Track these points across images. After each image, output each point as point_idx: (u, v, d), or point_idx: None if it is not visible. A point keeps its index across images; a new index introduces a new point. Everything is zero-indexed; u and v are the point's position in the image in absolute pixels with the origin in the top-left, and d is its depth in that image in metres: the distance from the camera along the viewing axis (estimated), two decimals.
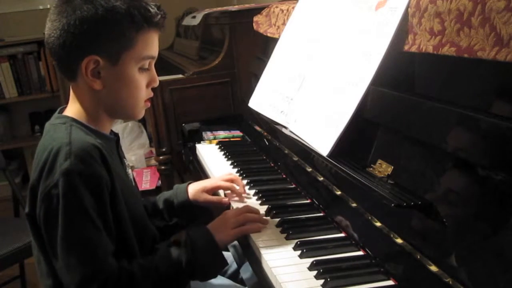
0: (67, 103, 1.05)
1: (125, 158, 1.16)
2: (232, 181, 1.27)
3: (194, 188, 1.26)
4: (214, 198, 1.25)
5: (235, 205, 1.20)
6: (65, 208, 0.88)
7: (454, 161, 0.81)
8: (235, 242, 1.17)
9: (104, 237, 0.91)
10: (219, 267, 1.03)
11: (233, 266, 1.28)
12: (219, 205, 1.25)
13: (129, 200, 1.02)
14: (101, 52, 0.96)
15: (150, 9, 0.98)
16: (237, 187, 1.26)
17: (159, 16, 1.00)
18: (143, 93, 1.03)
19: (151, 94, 1.07)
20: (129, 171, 1.14)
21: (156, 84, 1.06)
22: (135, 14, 0.96)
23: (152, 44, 1.01)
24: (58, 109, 1.06)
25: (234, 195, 1.25)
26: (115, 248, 0.94)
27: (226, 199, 1.23)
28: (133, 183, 1.15)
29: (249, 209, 1.10)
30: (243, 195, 1.25)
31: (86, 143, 0.92)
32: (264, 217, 1.10)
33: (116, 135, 1.11)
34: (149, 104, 1.07)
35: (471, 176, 0.78)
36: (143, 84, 1.02)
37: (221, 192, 1.29)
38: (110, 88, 0.99)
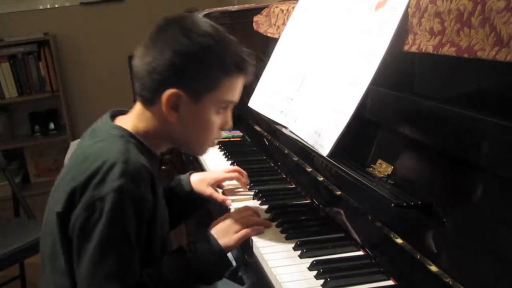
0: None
1: None
2: (235, 171, 1.29)
3: (198, 180, 1.25)
4: (219, 196, 1.24)
5: (236, 206, 1.21)
6: (107, 223, 0.87)
7: (454, 161, 0.81)
8: None
9: (136, 257, 0.91)
10: (225, 269, 1.03)
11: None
12: (220, 203, 1.25)
13: (162, 219, 1.02)
14: (185, 87, 0.95)
15: (243, 55, 0.99)
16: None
17: (248, 63, 1.00)
18: (214, 134, 1.03)
19: (221, 135, 1.06)
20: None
21: (229, 126, 1.05)
22: (227, 60, 0.96)
23: (235, 89, 1.01)
24: (110, 113, 1.04)
25: (234, 197, 1.25)
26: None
27: (229, 201, 1.22)
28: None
29: (251, 213, 1.10)
30: (245, 195, 1.25)
31: (142, 166, 0.92)
32: (267, 219, 1.10)
33: (161, 154, 1.10)
34: (215, 144, 1.07)
35: (471, 176, 0.78)
36: (216, 126, 1.02)
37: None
38: (184, 123, 0.99)
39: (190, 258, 0.99)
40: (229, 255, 1.02)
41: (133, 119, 1.02)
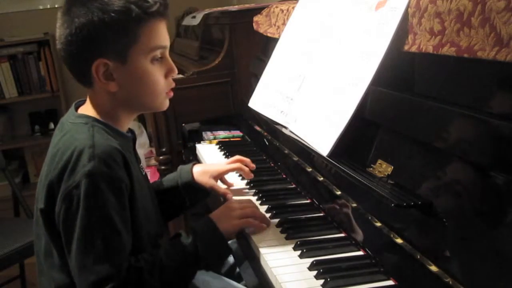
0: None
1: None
2: (237, 162, 1.29)
3: (201, 171, 1.24)
4: (221, 189, 1.24)
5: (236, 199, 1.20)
6: (86, 209, 0.88)
7: (454, 161, 0.81)
8: (234, 240, 1.17)
9: (123, 239, 0.91)
10: (224, 255, 1.02)
11: (229, 261, 1.28)
12: (221, 196, 1.25)
13: (144, 199, 1.02)
14: (107, 54, 0.94)
15: None
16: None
17: (157, 4, 0.96)
18: (162, 85, 1.01)
19: (173, 84, 1.04)
20: (143, 166, 1.14)
21: (175, 73, 1.03)
22: (132, 9, 0.93)
23: (157, 34, 0.98)
24: (74, 105, 1.06)
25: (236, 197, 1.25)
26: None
27: (230, 195, 1.22)
28: (147, 179, 1.14)
29: (254, 205, 1.10)
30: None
31: (110, 146, 0.93)
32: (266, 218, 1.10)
33: (133, 133, 1.11)
34: (171, 94, 1.05)
35: (471, 175, 0.78)
36: (159, 76, 1.00)
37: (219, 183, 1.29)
38: (126, 87, 0.98)
39: (188, 242, 0.98)
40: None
41: (90, 103, 1.02)
